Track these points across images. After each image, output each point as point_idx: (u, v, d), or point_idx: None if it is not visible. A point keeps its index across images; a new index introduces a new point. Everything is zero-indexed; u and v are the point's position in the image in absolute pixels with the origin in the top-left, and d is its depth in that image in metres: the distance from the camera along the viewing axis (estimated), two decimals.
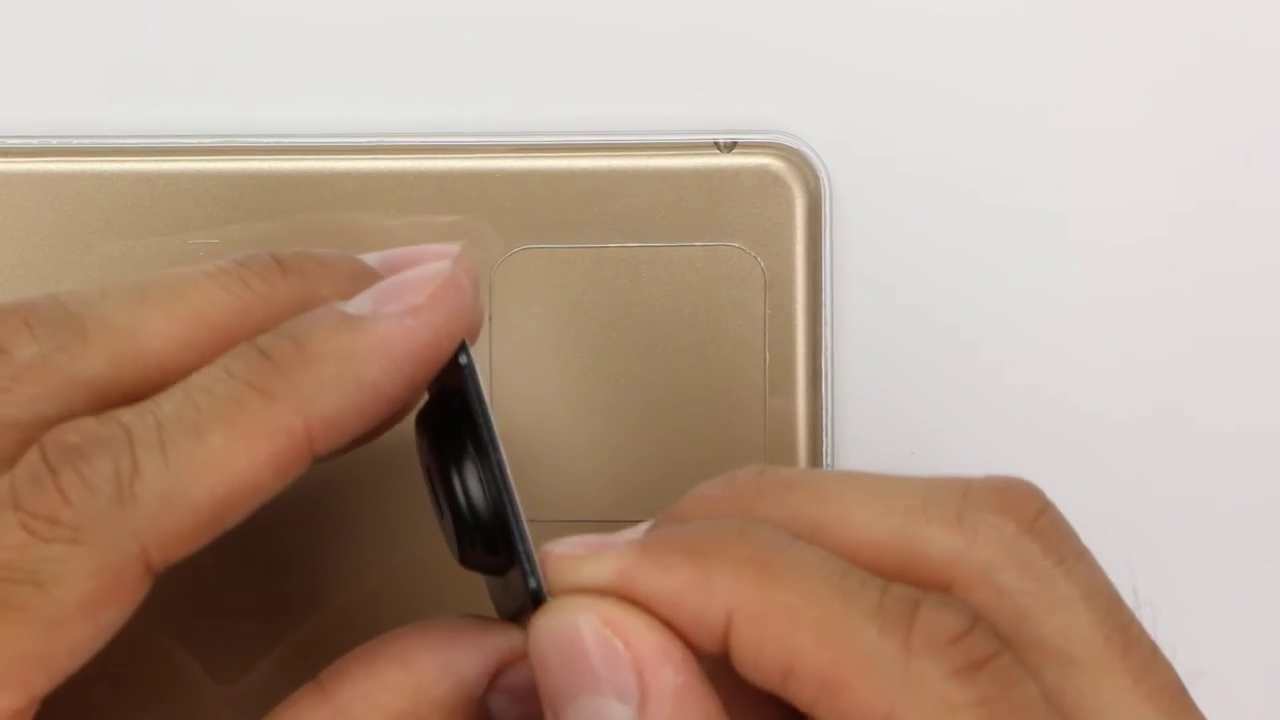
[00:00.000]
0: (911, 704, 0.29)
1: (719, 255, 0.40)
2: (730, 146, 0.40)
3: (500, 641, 0.31)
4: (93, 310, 0.30)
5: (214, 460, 0.29)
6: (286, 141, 0.40)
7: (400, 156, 0.40)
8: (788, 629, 0.29)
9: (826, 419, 0.41)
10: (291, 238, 0.40)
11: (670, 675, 0.29)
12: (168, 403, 0.30)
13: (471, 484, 0.31)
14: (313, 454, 0.30)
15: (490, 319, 0.40)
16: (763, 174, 0.40)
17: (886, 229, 0.42)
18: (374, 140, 0.40)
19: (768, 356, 0.41)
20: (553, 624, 0.30)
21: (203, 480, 0.29)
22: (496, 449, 0.31)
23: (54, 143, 0.41)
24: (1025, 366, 0.42)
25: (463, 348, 0.31)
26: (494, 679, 0.31)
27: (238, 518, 0.30)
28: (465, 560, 0.31)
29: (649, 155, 0.40)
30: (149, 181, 0.40)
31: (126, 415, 0.29)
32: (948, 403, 0.42)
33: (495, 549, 0.31)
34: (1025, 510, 0.31)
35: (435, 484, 0.32)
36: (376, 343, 0.30)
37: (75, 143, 0.41)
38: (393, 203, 0.40)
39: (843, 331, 0.41)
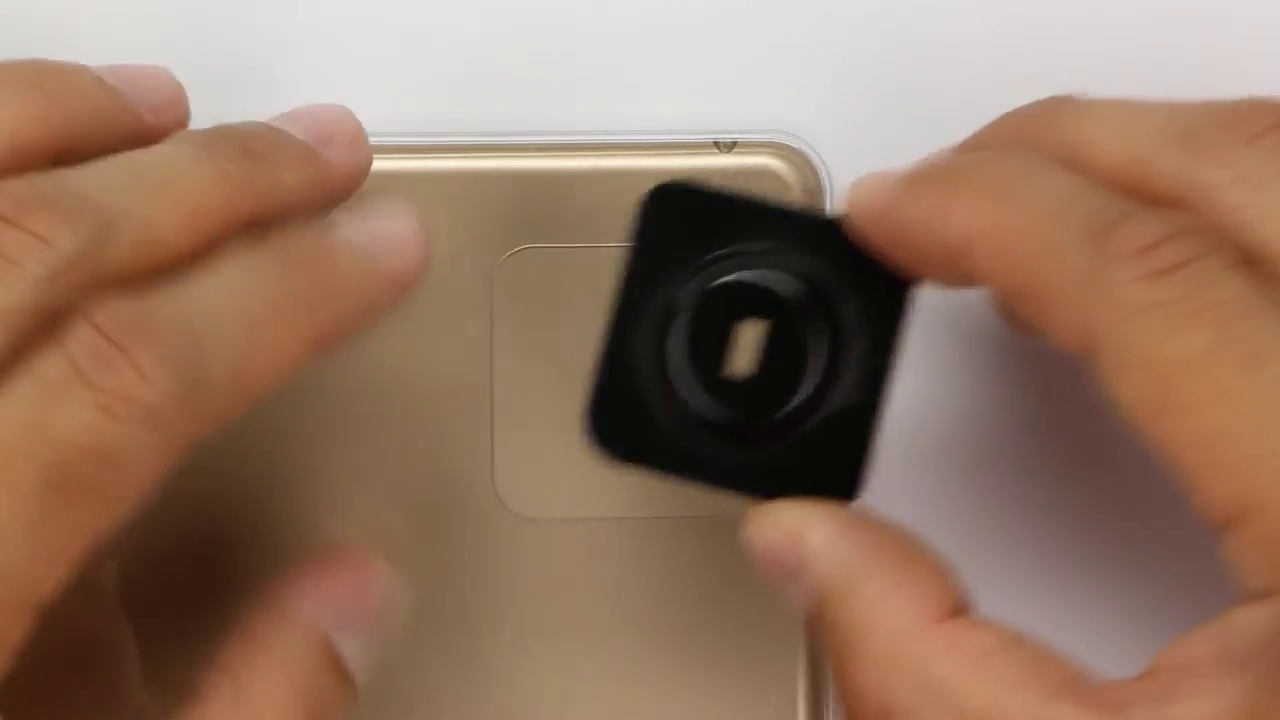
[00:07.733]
0: (1102, 311, 0.30)
1: None
2: (730, 146, 0.40)
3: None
4: (113, 201, 0.30)
5: (269, 350, 0.31)
6: None
7: (400, 156, 0.40)
8: (1011, 247, 0.31)
9: None
10: None
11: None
12: (207, 295, 0.30)
13: None
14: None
15: (491, 318, 0.40)
16: (763, 174, 0.40)
17: None
18: (374, 140, 0.40)
19: None
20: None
21: (261, 367, 0.30)
22: None
23: None
24: (1026, 365, 0.42)
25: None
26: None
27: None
28: None
29: (649, 155, 0.40)
30: None
31: (159, 301, 0.30)
32: (948, 402, 0.42)
33: None
34: (1254, 124, 0.31)
35: None
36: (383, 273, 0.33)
37: None
38: None
39: None
